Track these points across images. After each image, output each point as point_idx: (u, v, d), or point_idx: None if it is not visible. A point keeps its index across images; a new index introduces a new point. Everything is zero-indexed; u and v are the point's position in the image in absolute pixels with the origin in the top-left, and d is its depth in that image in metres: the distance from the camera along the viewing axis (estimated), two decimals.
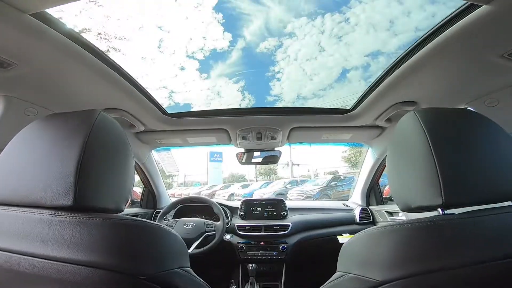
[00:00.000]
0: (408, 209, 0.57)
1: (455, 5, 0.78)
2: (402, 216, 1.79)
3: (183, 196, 2.02)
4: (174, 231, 0.64)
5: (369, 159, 2.02)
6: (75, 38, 0.84)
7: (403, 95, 1.21)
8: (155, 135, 1.68)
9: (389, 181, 0.65)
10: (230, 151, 1.92)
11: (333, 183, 12.29)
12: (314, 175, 21.30)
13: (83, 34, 0.87)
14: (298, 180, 15.70)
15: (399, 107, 1.27)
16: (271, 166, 28.91)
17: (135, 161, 1.88)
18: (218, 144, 1.90)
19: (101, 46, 0.96)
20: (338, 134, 1.72)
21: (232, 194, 14.77)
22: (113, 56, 1.01)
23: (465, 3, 0.73)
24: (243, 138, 1.67)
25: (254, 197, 13.11)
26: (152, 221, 0.57)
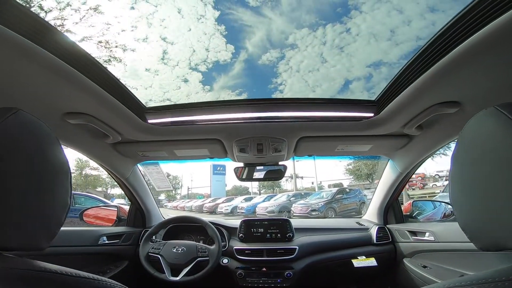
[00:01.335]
0: (496, 248, 0.41)
1: (453, 13, 0.71)
2: (429, 237, 1.53)
3: (174, 215, 1.77)
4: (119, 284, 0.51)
5: (388, 173, 1.77)
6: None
7: (443, 95, 0.97)
8: (136, 147, 1.45)
9: (457, 207, 0.50)
10: (234, 164, 1.68)
11: (338, 196, 11.96)
12: (318, 188, 20.96)
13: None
14: (302, 193, 15.40)
15: (437, 109, 1.03)
16: None
17: (117, 177, 1.66)
18: (213, 158, 1.65)
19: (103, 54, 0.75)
20: (356, 145, 1.47)
21: (235, 207, 14.48)
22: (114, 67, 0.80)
23: None
24: (241, 150, 1.43)
25: (257, 210, 12.78)
26: (83, 273, 0.48)
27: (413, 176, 1.96)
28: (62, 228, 1.33)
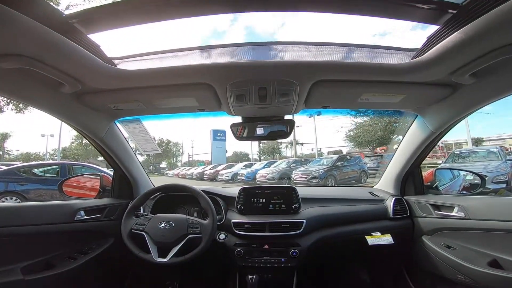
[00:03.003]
0: None
1: None
2: (459, 212, 1.31)
3: (164, 184, 1.53)
4: None
5: (415, 133, 1.49)
6: None
7: None
8: (105, 97, 1.16)
9: None
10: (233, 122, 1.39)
11: (339, 163, 11.91)
12: (318, 155, 21.00)
13: None
14: (303, 160, 15.40)
15: (508, 51, 0.78)
16: (275, 144, 28.80)
17: (90, 137, 1.39)
18: (204, 112, 1.36)
19: None
20: (385, 95, 1.17)
21: (236, 174, 14.56)
22: None
23: None
24: (238, 98, 1.12)
25: (257, 177, 12.86)
26: None
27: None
28: (25, 204, 1.09)
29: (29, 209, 1.28)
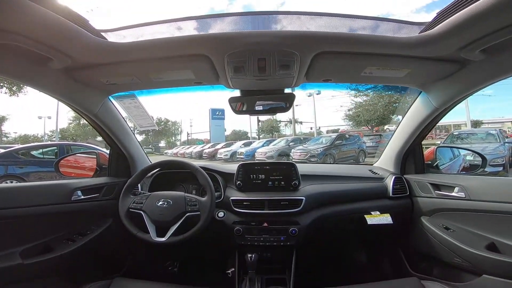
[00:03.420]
0: None
1: None
2: (459, 192, 1.30)
3: (160, 160, 1.50)
4: None
5: (418, 109, 1.45)
6: None
7: None
8: (97, 72, 1.11)
9: None
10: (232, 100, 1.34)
11: (338, 142, 11.96)
12: (317, 134, 21.02)
13: None
14: (302, 138, 15.43)
15: None
16: (274, 123, 28.69)
17: (84, 113, 1.34)
18: (201, 86, 1.30)
19: None
20: (390, 69, 1.12)
21: (235, 153, 14.62)
22: None
23: None
24: (237, 70, 1.07)
25: (256, 155, 12.95)
26: None
27: None
28: (20, 184, 1.06)
29: (24, 190, 1.24)
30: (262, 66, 1.03)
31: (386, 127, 19.50)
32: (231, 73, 1.08)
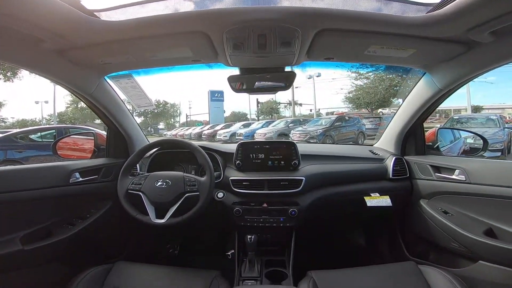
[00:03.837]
0: None
1: None
2: (459, 175, 1.28)
3: (159, 139, 1.48)
4: None
5: (421, 90, 1.42)
6: None
7: None
8: (91, 52, 1.07)
9: None
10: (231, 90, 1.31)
11: (337, 123, 11.96)
12: (316, 115, 20.92)
13: None
14: (301, 120, 15.38)
15: None
16: (273, 104, 28.48)
17: (80, 94, 1.31)
18: (199, 64, 1.25)
19: None
20: (394, 48, 1.08)
21: (234, 134, 14.61)
22: None
23: None
24: (236, 47, 1.03)
25: (256, 137, 12.95)
26: None
27: None
28: (16, 167, 1.03)
29: (20, 173, 1.20)
30: (262, 43, 0.99)
31: (379, 110, 19.38)
32: (230, 50, 1.04)
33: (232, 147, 1.59)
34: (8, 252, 1.06)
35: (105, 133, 1.65)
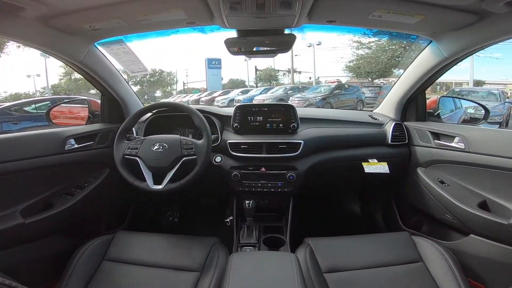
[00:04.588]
0: None
1: None
2: (459, 143, 1.26)
3: (154, 102, 1.44)
4: None
5: (426, 58, 1.35)
6: None
7: None
8: (76, 18, 1.00)
9: None
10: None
11: (336, 91, 11.83)
12: (316, 83, 20.52)
13: None
14: (300, 87, 15.12)
15: None
16: (272, 71, 27.68)
17: (70, 61, 1.25)
18: (194, 27, 1.17)
19: None
20: (401, 14, 1.01)
21: (232, 100, 14.44)
22: None
23: None
24: (233, 7, 0.95)
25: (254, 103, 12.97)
26: None
27: None
28: (6, 135, 0.94)
29: (12, 141, 1.13)
30: (261, 2, 0.92)
31: (380, 80, 18.96)
32: (227, 10, 0.97)
33: (230, 110, 1.55)
34: (9, 226, 1.02)
35: (100, 101, 1.60)
